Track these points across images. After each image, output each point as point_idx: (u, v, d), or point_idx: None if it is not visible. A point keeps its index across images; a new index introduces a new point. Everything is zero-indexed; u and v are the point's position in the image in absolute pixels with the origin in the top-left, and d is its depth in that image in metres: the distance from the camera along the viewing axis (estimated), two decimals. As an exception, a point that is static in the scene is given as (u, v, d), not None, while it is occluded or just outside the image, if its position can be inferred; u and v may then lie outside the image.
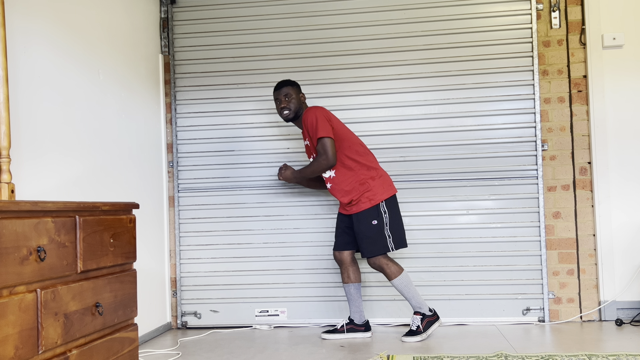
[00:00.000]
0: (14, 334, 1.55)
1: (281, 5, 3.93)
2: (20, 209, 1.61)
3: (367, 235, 3.27)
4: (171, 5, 4.00)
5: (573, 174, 3.71)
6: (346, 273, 3.42)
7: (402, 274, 3.30)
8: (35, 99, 2.52)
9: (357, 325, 3.43)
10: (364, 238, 3.27)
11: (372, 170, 3.32)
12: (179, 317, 3.93)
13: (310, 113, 3.28)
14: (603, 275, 3.64)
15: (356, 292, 3.42)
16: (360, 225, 3.28)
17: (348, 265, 3.42)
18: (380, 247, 3.26)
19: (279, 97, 3.39)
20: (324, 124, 3.23)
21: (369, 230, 3.27)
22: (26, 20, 2.49)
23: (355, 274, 3.42)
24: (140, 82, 3.63)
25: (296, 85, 3.43)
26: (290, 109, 3.36)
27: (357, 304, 3.42)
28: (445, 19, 3.81)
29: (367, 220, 3.27)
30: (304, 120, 3.30)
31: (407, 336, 3.27)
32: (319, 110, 3.28)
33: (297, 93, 3.41)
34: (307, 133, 3.33)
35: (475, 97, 3.77)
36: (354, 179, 3.29)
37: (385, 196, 3.28)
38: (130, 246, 2.22)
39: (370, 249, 3.27)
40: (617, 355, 2.75)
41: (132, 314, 2.21)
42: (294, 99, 3.37)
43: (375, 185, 3.28)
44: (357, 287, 3.42)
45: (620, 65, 3.69)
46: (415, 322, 3.29)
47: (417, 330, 3.27)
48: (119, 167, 3.28)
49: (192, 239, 3.96)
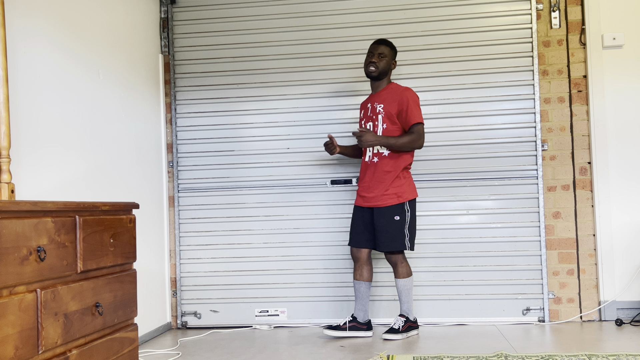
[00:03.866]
0: (14, 334, 1.55)
1: (281, 5, 3.93)
2: (20, 209, 1.61)
3: (387, 230, 3.31)
4: (171, 5, 4.00)
5: (573, 174, 3.71)
6: (360, 270, 3.43)
7: (410, 277, 3.39)
8: (35, 98, 2.52)
9: (359, 323, 3.44)
10: (384, 232, 3.32)
11: (409, 169, 3.43)
12: (179, 317, 3.93)
13: (412, 93, 3.36)
14: (603, 275, 3.64)
15: (366, 291, 3.44)
16: (383, 220, 3.32)
17: (364, 263, 3.44)
18: (398, 243, 3.32)
19: (373, 52, 3.39)
20: (420, 110, 3.37)
21: (390, 225, 3.31)
22: (26, 20, 2.49)
23: (369, 272, 3.44)
24: (140, 82, 3.63)
25: (395, 49, 3.46)
26: (378, 67, 3.36)
27: (363, 302, 3.44)
28: (445, 19, 3.81)
29: (390, 215, 3.32)
30: (404, 93, 3.33)
31: (389, 333, 3.32)
32: (417, 96, 3.39)
33: (392, 57, 3.43)
34: (395, 103, 3.32)
35: (475, 97, 3.78)
36: (398, 164, 3.34)
37: (411, 196, 3.37)
38: (130, 246, 2.22)
39: (388, 244, 3.32)
40: (617, 355, 2.75)
41: (132, 314, 2.21)
42: (386, 60, 3.38)
43: (405, 184, 3.36)
44: (367, 286, 3.44)
45: (620, 65, 3.69)
46: (398, 323, 3.36)
47: (399, 329, 3.33)
48: (119, 167, 3.29)
49: (192, 239, 3.96)
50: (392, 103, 3.34)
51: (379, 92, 3.42)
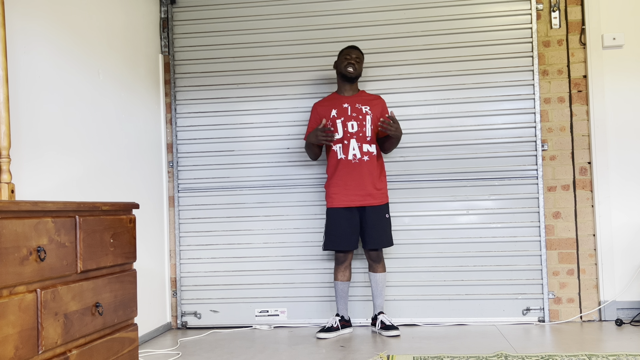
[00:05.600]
0: (14, 334, 1.55)
1: (281, 5, 3.93)
2: (20, 209, 1.61)
3: (383, 227, 3.47)
4: (171, 5, 4.00)
5: (573, 174, 3.71)
6: (345, 272, 3.55)
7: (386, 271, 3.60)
8: (35, 99, 2.52)
9: (346, 321, 3.58)
10: (377, 230, 3.45)
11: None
12: (179, 317, 3.93)
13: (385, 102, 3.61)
14: (603, 275, 3.64)
15: (347, 290, 3.59)
16: (376, 217, 3.45)
17: (349, 264, 3.57)
18: (387, 240, 3.50)
19: (350, 54, 3.49)
20: None
21: (382, 223, 3.47)
22: (26, 21, 2.49)
23: (350, 272, 3.60)
24: (140, 82, 3.63)
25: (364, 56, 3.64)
26: (356, 69, 3.50)
27: (346, 301, 3.59)
28: (445, 19, 3.81)
29: (383, 213, 3.48)
30: (382, 101, 3.58)
31: (387, 330, 3.43)
32: None
33: (363, 63, 3.59)
34: (379, 108, 3.53)
35: (475, 97, 3.78)
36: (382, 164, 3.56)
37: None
38: (130, 246, 2.22)
39: (381, 241, 3.46)
40: (617, 355, 2.75)
41: (132, 314, 2.21)
42: (361, 64, 3.55)
43: (386, 184, 3.56)
44: (348, 285, 3.60)
45: (620, 65, 3.69)
46: (387, 319, 3.49)
47: (393, 325, 3.45)
48: (119, 167, 3.29)
49: (192, 239, 3.96)
50: (377, 107, 3.53)
51: (357, 95, 3.57)
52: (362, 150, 3.45)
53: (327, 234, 3.51)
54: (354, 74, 3.48)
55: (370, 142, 3.47)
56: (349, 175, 3.44)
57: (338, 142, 3.48)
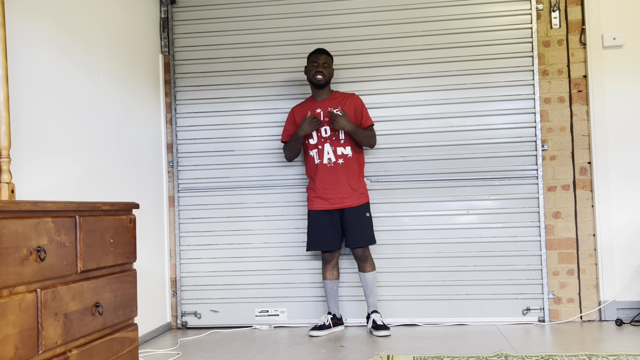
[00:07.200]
0: (14, 334, 1.55)
1: (281, 5, 3.93)
2: (20, 209, 1.61)
3: (364, 226, 3.51)
4: (171, 5, 4.00)
5: (573, 174, 3.71)
6: (332, 271, 3.62)
7: (376, 270, 3.60)
8: (35, 99, 2.52)
9: (337, 319, 3.62)
10: (358, 229, 3.50)
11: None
12: (179, 317, 3.93)
13: (359, 99, 3.62)
14: (603, 275, 3.64)
15: (337, 289, 3.65)
16: (357, 217, 3.50)
17: (336, 263, 3.63)
18: (370, 238, 3.54)
19: (317, 62, 3.51)
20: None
21: (366, 221, 3.53)
22: (26, 21, 2.49)
23: (338, 271, 3.67)
24: (140, 82, 3.63)
25: (332, 58, 3.62)
26: (324, 75, 3.51)
27: (336, 299, 3.65)
28: (445, 19, 3.81)
29: (363, 213, 3.53)
30: (357, 99, 3.59)
31: (379, 330, 3.44)
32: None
33: (332, 65, 3.59)
34: (352, 107, 3.55)
35: (475, 97, 3.78)
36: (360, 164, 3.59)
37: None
38: (130, 246, 2.22)
39: (364, 239, 3.51)
40: (617, 355, 2.75)
41: (132, 314, 2.21)
42: (329, 69, 3.55)
43: (364, 184, 3.61)
44: (338, 284, 3.65)
45: (620, 65, 3.69)
46: (379, 318, 3.51)
47: (384, 325, 3.47)
48: (119, 167, 3.28)
49: (192, 239, 3.96)
50: (349, 106, 3.56)
51: (330, 98, 3.59)
52: (337, 153, 3.50)
53: (309, 235, 3.60)
54: (322, 80, 3.50)
55: (344, 145, 3.51)
56: (326, 179, 3.50)
57: (314, 148, 3.54)
